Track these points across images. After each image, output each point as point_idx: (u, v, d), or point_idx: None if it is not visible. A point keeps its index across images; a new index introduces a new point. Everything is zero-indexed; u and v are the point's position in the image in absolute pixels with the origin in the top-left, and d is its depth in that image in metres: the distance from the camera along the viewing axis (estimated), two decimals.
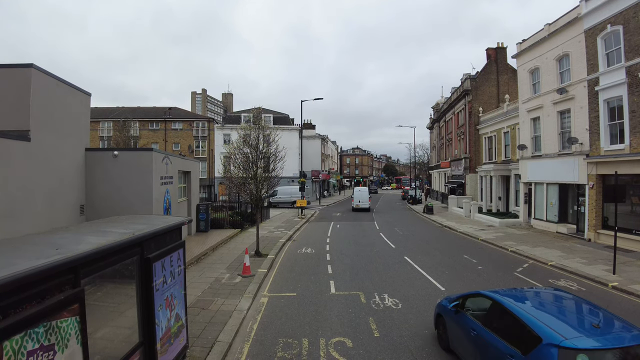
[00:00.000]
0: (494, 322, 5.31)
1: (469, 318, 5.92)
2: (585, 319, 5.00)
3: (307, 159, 47.09)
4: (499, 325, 5.18)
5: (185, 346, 6.08)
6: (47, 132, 10.68)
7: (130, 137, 43.13)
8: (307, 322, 8.10)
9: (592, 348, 4.06)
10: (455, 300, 6.64)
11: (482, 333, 5.38)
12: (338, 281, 11.23)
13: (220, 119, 64.13)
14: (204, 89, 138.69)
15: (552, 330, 4.34)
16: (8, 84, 10.04)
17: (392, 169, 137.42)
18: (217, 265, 12.95)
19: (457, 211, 30.45)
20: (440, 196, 46.11)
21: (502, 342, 4.88)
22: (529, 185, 22.20)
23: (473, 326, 5.66)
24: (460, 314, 6.20)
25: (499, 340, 4.97)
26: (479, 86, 33.50)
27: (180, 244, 5.99)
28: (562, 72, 19.18)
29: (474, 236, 19.68)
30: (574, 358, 4.00)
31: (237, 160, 14.76)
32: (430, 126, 57.93)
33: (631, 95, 14.66)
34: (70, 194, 11.92)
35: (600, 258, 13.46)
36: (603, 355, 4.06)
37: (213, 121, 50.82)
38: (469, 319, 5.91)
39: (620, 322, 4.74)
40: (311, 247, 16.75)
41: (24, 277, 2.80)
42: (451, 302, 6.61)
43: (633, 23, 14.47)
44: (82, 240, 4.10)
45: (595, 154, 16.65)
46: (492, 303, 5.61)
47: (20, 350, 2.75)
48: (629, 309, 8.90)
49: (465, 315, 6.07)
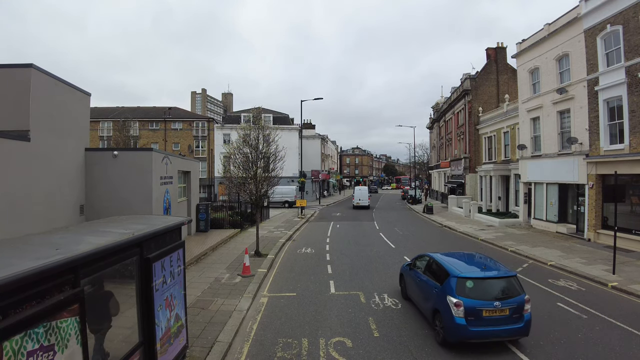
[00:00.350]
0: (429, 270, 8.30)
1: (416, 271, 8.91)
2: (480, 265, 7.66)
3: (307, 159, 47.07)
4: (430, 271, 8.19)
5: (185, 346, 6.08)
6: (47, 132, 10.68)
7: (130, 137, 43.09)
8: (306, 322, 8.10)
9: (473, 277, 7.09)
10: (410, 262, 9.82)
11: (422, 278, 8.43)
12: (338, 281, 11.23)
13: (220, 118, 64.11)
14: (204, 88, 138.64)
15: (456, 269, 7.33)
16: (8, 84, 10.04)
17: (392, 169, 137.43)
18: (217, 265, 12.96)
19: (457, 211, 30.46)
20: (440, 196, 46.12)
21: (432, 281, 7.86)
22: (529, 185, 22.21)
23: (418, 275, 8.67)
24: (412, 270, 9.19)
25: (430, 280, 7.97)
26: (479, 86, 33.51)
27: (180, 244, 5.99)
28: (562, 72, 19.19)
29: (474, 236, 19.68)
30: (464, 282, 6.97)
31: (237, 160, 14.76)
32: (430, 126, 57.93)
33: (631, 95, 14.66)
34: (70, 194, 11.92)
35: (599, 258, 13.46)
36: (480, 281, 7.05)
37: (213, 121, 50.80)
38: (416, 272, 8.90)
39: (498, 266, 7.69)
40: (311, 247, 16.76)
41: (24, 277, 2.80)
42: (409, 266, 9.55)
43: (633, 23, 14.47)
44: (81, 240, 4.11)
45: (595, 153, 16.66)
46: (429, 259, 8.57)
47: (20, 351, 2.75)
48: (628, 308, 8.91)
49: (415, 270, 9.03)
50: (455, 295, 6.85)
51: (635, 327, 7.71)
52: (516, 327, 6.70)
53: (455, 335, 6.74)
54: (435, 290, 7.50)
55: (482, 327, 6.63)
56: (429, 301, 7.81)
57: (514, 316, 6.72)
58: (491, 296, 6.85)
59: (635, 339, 7.20)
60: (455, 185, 36.14)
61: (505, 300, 6.77)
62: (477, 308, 6.66)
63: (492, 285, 7.08)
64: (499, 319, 6.69)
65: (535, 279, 11.33)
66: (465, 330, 6.61)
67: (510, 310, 6.70)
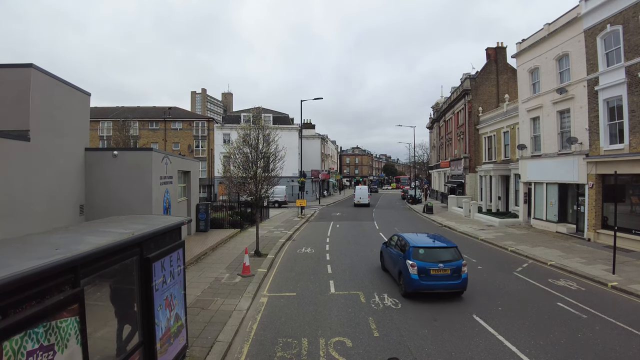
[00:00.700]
0: (397, 245, 11.06)
1: (389, 247, 11.69)
2: (432, 240, 10.73)
3: (307, 159, 47.09)
4: (398, 246, 10.93)
5: (184, 346, 6.08)
6: (47, 132, 10.68)
7: (130, 136, 43.07)
8: (306, 322, 8.10)
9: (424, 246, 9.92)
10: (385, 241, 13.00)
11: (393, 252, 11.16)
12: (338, 281, 11.24)
13: (220, 118, 64.10)
14: (204, 88, 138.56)
15: (413, 242, 10.20)
16: (8, 84, 10.04)
17: (391, 169, 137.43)
18: (217, 265, 12.96)
19: (457, 211, 30.47)
20: (440, 196, 46.12)
21: (399, 252, 10.54)
22: (529, 185, 22.21)
23: (391, 250, 11.48)
24: (387, 247, 12.00)
25: (398, 252, 10.66)
26: (479, 86, 33.50)
27: (179, 244, 5.99)
28: (562, 72, 19.19)
29: (474, 236, 19.69)
30: (418, 250, 9.70)
31: (237, 160, 14.76)
32: (430, 126, 57.92)
33: (631, 95, 14.66)
34: (70, 194, 11.92)
35: (599, 258, 13.47)
36: (429, 250, 9.80)
37: (213, 121, 50.79)
38: (390, 248, 11.68)
39: (445, 241, 10.65)
40: (311, 247, 16.76)
41: (24, 277, 2.80)
42: (385, 244, 12.54)
43: (633, 23, 14.47)
44: (81, 240, 4.10)
45: (594, 153, 16.66)
46: (398, 237, 11.38)
47: (20, 351, 2.75)
48: (628, 308, 8.91)
49: (389, 247, 11.76)
50: (411, 259, 9.60)
51: (635, 327, 7.71)
52: (455, 282, 9.42)
53: (411, 287, 9.42)
54: (400, 257, 10.26)
55: (430, 282, 9.34)
56: (396, 266, 10.52)
57: (454, 275, 9.40)
58: (437, 260, 9.51)
59: (635, 339, 7.19)
60: (455, 185, 36.14)
61: (447, 263, 9.46)
62: (427, 268, 9.36)
63: (437, 253, 9.81)
64: (442, 276, 9.40)
65: (535, 279, 11.34)
66: (418, 283, 9.33)
67: (451, 271, 9.40)
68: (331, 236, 20.05)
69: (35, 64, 10.23)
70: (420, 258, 9.51)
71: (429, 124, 57.93)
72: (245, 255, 12.22)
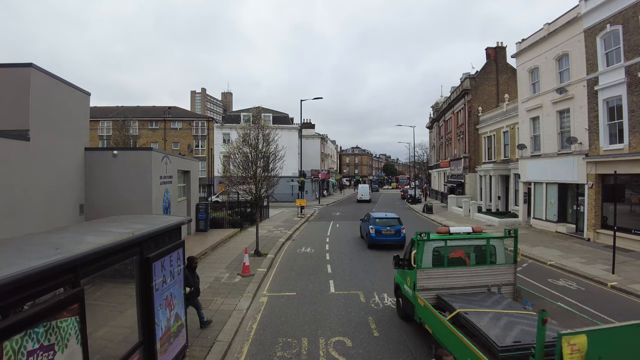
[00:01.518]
0: (366, 218, 18.14)
1: (364, 221, 18.46)
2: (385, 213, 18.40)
3: (307, 159, 47.06)
4: (365, 219, 18.42)
5: (184, 346, 6.09)
6: (47, 131, 10.68)
7: (129, 136, 43.12)
8: (306, 322, 8.11)
9: (379, 217, 17.21)
10: (362, 218, 19.83)
11: (364, 224, 18.06)
12: (337, 281, 11.25)
13: (220, 118, 64.08)
14: (204, 88, 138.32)
15: (373, 215, 17.68)
16: (7, 83, 10.04)
17: (391, 169, 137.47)
18: (217, 265, 12.97)
19: (457, 210, 30.47)
20: (439, 196, 46.11)
21: (366, 222, 17.66)
22: (529, 184, 22.22)
23: (364, 222, 18.33)
24: (363, 221, 18.75)
25: (365, 221, 18.01)
26: (479, 85, 33.49)
27: (179, 244, 5.99)
28: (562, 72, 19.19)
29: None
30: (375, 219, 16.93)
31: (237, 160, 14.77)
32: (429, 126, 57.90)
33: (630, 95, 14.67)
34: (69, 194, 11.92)
35: (599, 257, 13.48)
36: (382, 219, 16.95)
37: (212, 120, 50.82)
38: (364, 222, 18.38)
39: (394, 214, 18.25)
40: (311, 247, 16.77)
41: (24, 277, 2.80)
42: (361, 220, 19.66)
43: (632, 23, 14.47)
44: (81, 240, 4.10)
45: (594, 153, 16.67)
46: (367, 214, 18.61)
47: (20, 350, 2.75)
48: (627, 308, 8.92)
49: (364, 221, 18.41)
50: (372, 224, 16.44)
51: None
52: (397, 238, 16.02)
53: (371, 240, 16.16)
54: (366, 225, 17.16)
55: (382, 238, 16.06)
56: (364, 230, 17.61)
57: (396, 234, 16.11)
58: (386, 225, 16.40)
59: None
60: (454, 185, 36.14)
61: (392, 227, 16.32)
62: (380, 229, 16.17)
63: (387, 221, 16.70)
64: (389, 234, 16.11)
65: (535, 279, 11.35)
66: (375, 239, 16.06)
67: (395, 232, 16.17)
68: (331, 236, 20.06)
69: (35, 64, 10.22)
70: (377, 224, 16.39)
71: (429, 123, 57.92)
72: (245, 254, 12.22)
